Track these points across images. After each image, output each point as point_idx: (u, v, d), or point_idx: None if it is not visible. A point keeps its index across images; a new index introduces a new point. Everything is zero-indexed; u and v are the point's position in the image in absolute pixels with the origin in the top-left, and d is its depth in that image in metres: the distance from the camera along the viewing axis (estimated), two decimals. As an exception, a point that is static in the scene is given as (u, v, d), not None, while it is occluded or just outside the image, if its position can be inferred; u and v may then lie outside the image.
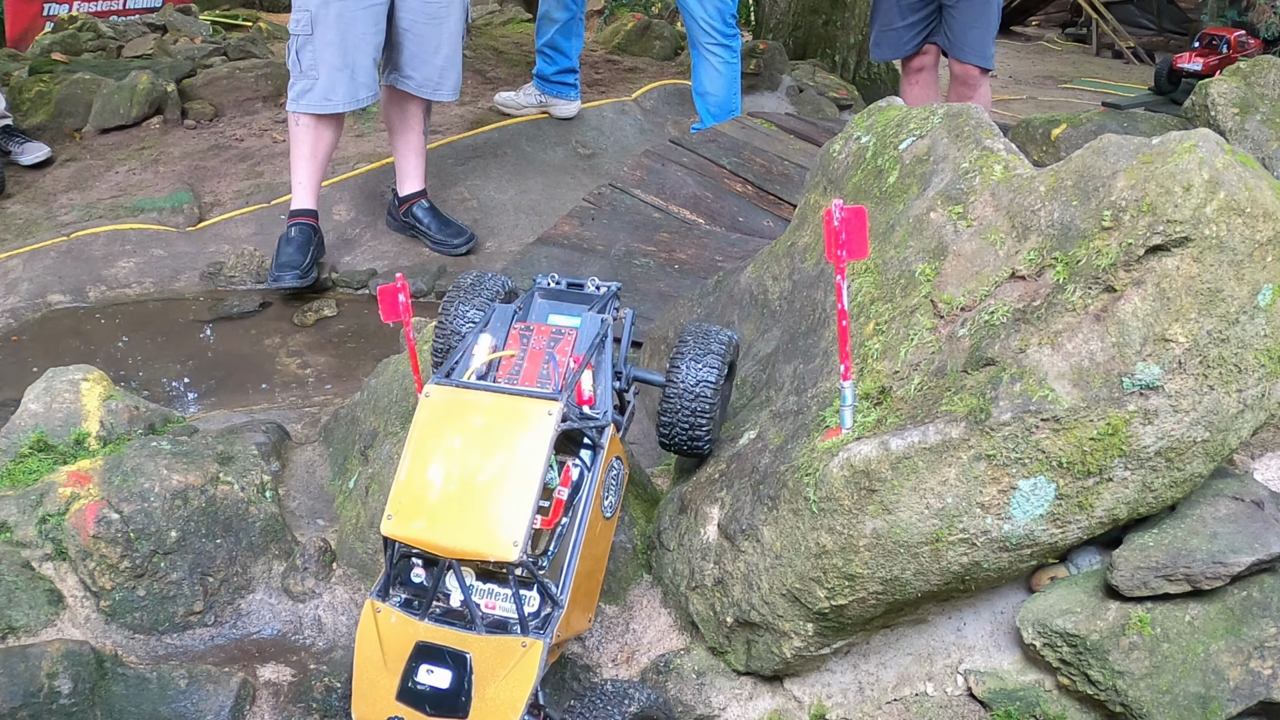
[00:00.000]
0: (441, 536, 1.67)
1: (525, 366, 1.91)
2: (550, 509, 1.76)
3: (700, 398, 2.02)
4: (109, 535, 2.16)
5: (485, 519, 1.66)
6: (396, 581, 1.78)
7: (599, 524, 1.85)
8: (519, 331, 1.96)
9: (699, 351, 2.04)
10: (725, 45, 4.63)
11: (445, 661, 1.68)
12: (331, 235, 4.04)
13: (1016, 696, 1.93)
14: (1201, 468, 1.78)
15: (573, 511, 1.80)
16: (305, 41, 3.64)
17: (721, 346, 2.06)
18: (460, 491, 1.69)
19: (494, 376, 1.90)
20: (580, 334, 1.94)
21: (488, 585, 1.74)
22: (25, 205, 4.33)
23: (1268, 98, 3.14)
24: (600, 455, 1.83)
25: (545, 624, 1.71)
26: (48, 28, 6.89)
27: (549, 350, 1.92)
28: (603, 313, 1.99)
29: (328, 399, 3.13)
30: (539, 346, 1.93)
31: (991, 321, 1.82)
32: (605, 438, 1.84)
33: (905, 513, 1.77)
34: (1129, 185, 1.72)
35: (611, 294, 2.07)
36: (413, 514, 1.69)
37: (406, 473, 1.72)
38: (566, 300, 2.06)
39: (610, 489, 1.88)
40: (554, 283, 2.08)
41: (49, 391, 2.44)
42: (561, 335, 1.94)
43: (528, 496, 1.66)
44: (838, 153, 2.36)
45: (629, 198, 3.87)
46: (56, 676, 1.98)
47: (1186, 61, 7.70)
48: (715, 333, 2.08)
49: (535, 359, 1.91)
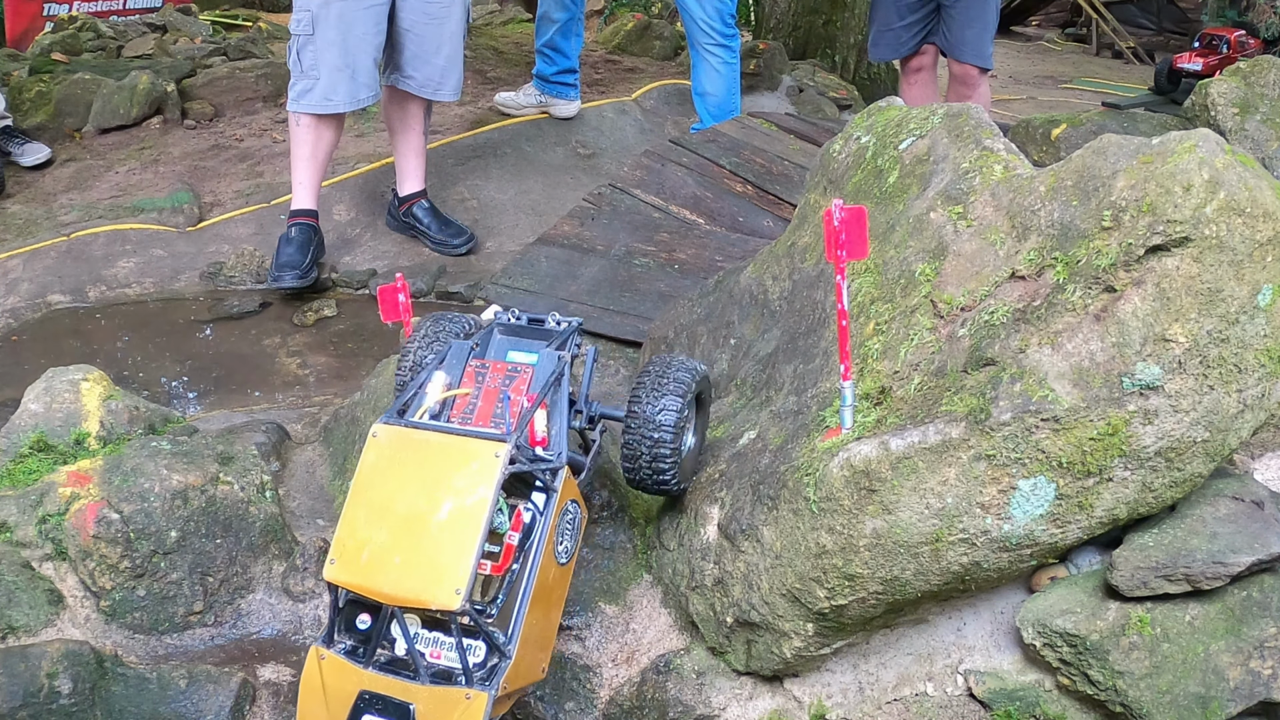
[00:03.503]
0: (384, 583, 1.62)
1: (479, 405, 1.85)
2: (500, 555, 1.70)
3: (661, 429, 1.93)
4: (109, 535, 2.16)
5: (428, 565, 1.61)
6: (341, 628, 1.72)
7: (552, 570, 1.78)
8: (474, 369, 1.90)
9: (660, 383, 1.96)
10: (725, 45, 4.63)
11: (388, 712, 1.63)
12: (331, 235, 4.03)
13: (1016, 696, 1.93)
14: (1201, 468, 1.78)
15: (523, 557, 1.73)
16: (306, 41, 3.64)
17: (686, 377, 1.97)
18: (404, 536, 1.64)
19: (447, 416, 1.84)
20: (536, 371, 1.88)
21: (433, 633, 1.69)
22: (25, 205, 4.33)
23: (1268, 98, 3.14)
24: (553, 499, 1.76)
25: (491, 675, 1.65)
26: (48, 28, 6.88)
27: (504, 389, 1.86)
28: (562, 349, 1.93)
29: (328, 399, 3.13)
30: (494, 385, 1.87)
31: (991, 321, 1.82)
32: (558, 480, 1.77)
33: (905, 513, 1.77)
34: (1129, 185, 1.72)
35: (572, 330, 2.00)
36: (356, 559, 1.64)
37: (351, 516, 1.68)
38: (526, 336, 2.00)
39: (565, 534, 1.81)
40: (514, 318, 2.02)
41: (49, 391, 2.44)
42: (517, 373, 1.89)
43: (472, 542, 1.61)
44: (838, 153, 2.36)
45: (629, 198, 3.87)
46: (56, 676, 1.98)
47: (1186, 61, 7.70)
48: (680, 363, 2.00)
49: (490, 398, 1.86)
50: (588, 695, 2.07)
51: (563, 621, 2.16)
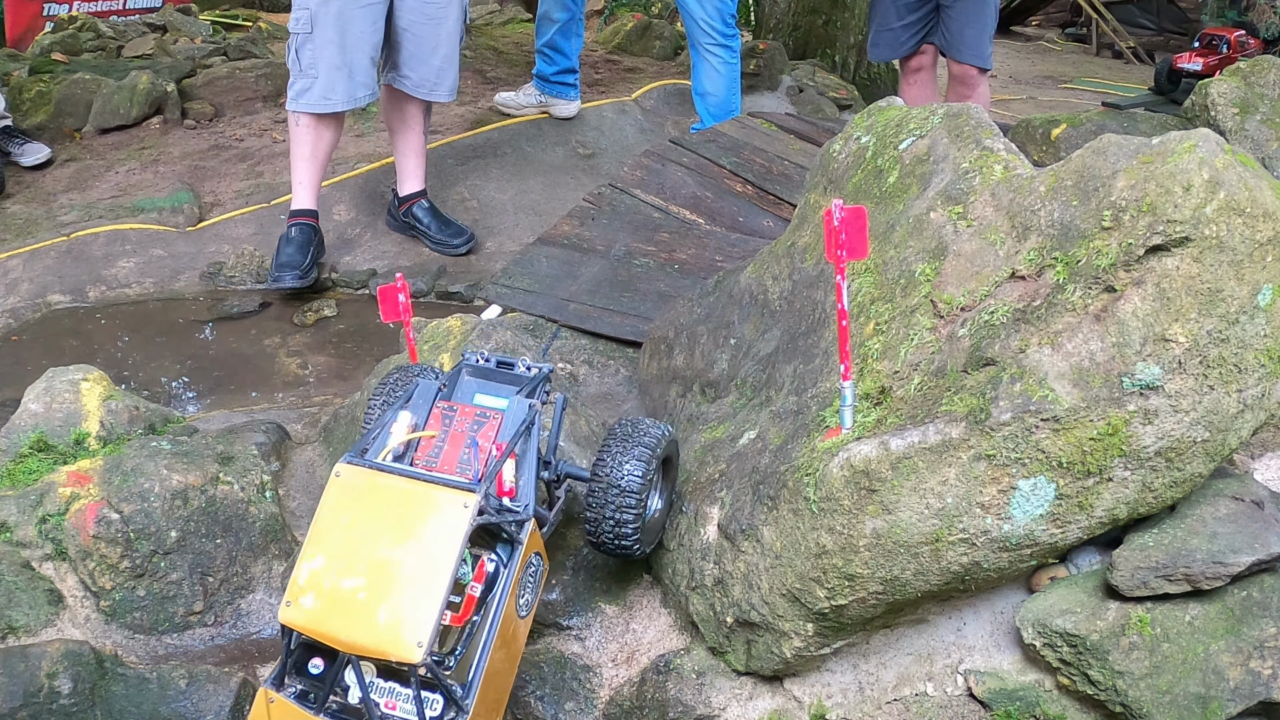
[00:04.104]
0: (342, 630, 1.58)
1: (445, 449, 1.82)
2: (461, 605, 1.67)
3: (626, 494, 1.91)
4: (109, 535, 2.16)
5: (389, 615, 1.57)
6: (293, 670, 1.67)
7: (513, 623, 1.75)
8: (442, 411, 1.86)
9: (626, 445, 1.94)
10: (725, 45, 4.63)
11: None
12: (331, 235, 4.03)
13: (1016, 696, 1.93)
14: (1201, 468, 1.78)
15: (485, 609, 1.69)
16: (305, 40, 3.64)
17: (652, 440, 1.95)
18: (365, 583, 1.60)
19: (412, 458, 1.80)
20: (506, 418, 1.84)
21: (389, 683, 1.64)
22: (25, 205, 4.33)
23: (1268, 98, 3.14)
24: (518, 551, 1.73)
25: None
26: (48, 28, 6.88)
27: (472, 434, 1.83)
28: (532, 396, 1.90)
29: (328, 399, 3.13)
30: (461, 429, 1.83)
31: (991, 321, 1.82)
32: (525, 533, 1.75)
33: (905, 513, 1.77)
34: (1129, 185, 1.72)
35: (543, 376, 1.97)
36: (313, 602, 1.60)
37: (310, 557, 1.64)
38: (495, 380, 1.96)
39: (527, 587, 1.78)
40: (483, 360, 1.99)
41: (49, 391, 2.44)
42: (486, 419, 1.85)
43: (437, 594, 1.57)
44: (838, 153, 2.36)
45: (629, 198, 3.87)
46: (56, 676, 1.98)
47: (1186, 61, 7.69)
48: (647, 426, 1.98)
49: (457, 442, 1.82)
50: (588, 695, 2.07)
51: (563, 621, 2.16)
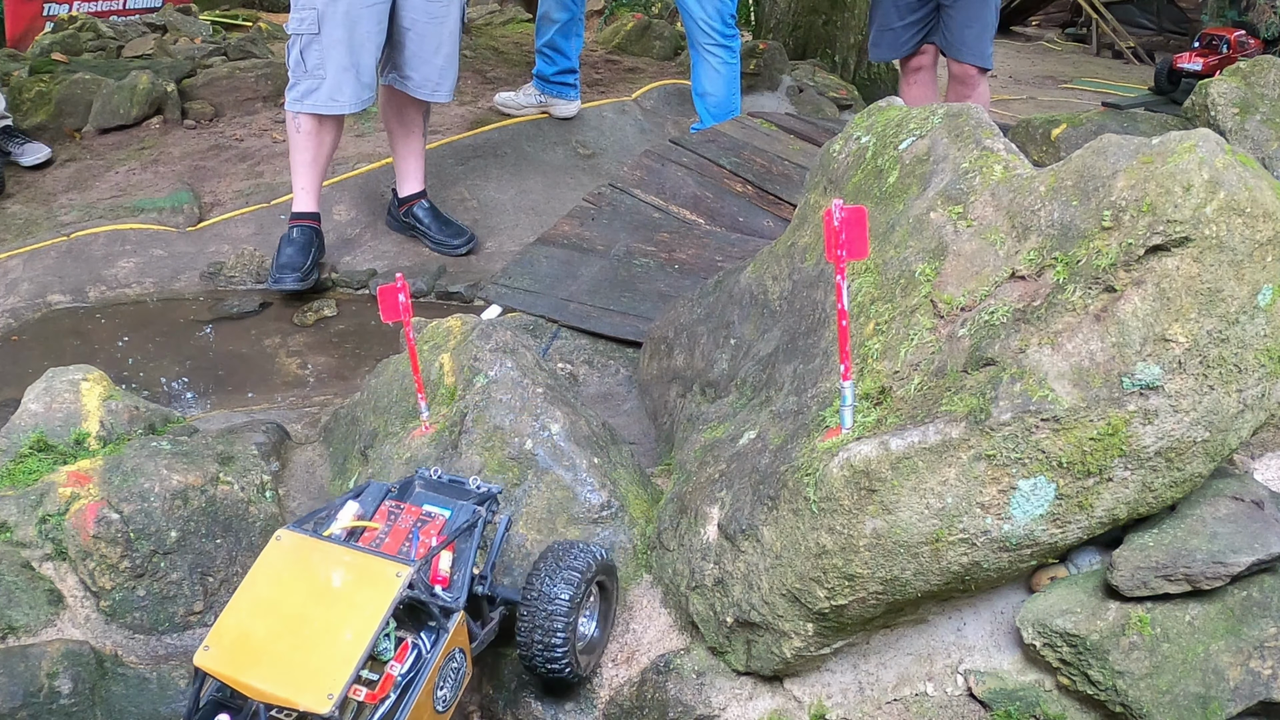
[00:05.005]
0: (255, 677, 1.58)
1: (386, 542, 1.84)
2: (378, 684, 1.66)
3: (553, 616, 1.91)
4: (109, 535, 2.16)
5: (305, 665, 1.57)
6: None
7: (427, 713, 1.72)
8: (389, 508, 1.91)
9: (555, 568, 1.94)
10: (724, 45, 4.63)
11: None
12: (331, 235, 4.04)
13: (1016, 696, 1.93)
14: (1201, 468, 1.78)
15: (400, 692, 1.68)
16: (311, 40, 3.60)
17: (582, 564, 1.95)
18: (286, 635, 1.61)
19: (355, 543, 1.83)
20: (450, 520, 1.88)
21: None
22: (25, 205, 4.33)
23: (1268, 98, 3.14)
24: (443, 639, 1.73)
25: None
26: (48, 28, 6.89)
27: (414, 529, 1.86)
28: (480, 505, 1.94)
29: (328, 399, 3.13)
30: (405, 526, 1.87)
31: (991, 321, 1.82)
32: (452, 622, 1.76)
33: (905, 513, 1.77)
34: (1129, 185, 1.72)
35: (491, 496, 1.98)
36: (232, 649, 1.61)
37: (236, 607, 1.65)
38: (445, 493, 1.99)
39: (447, 681, 1.77)
40: (436, 475, 2.02)
41: (49, 391, 2.44)
42: (430, 519, 1.89)
43: (355, 651, 1.58)
44: (838, 153, 2.36)
45: (629, 198, 3.87)
46: (56, 676, 1.98)
47: (1186, 61, 7.70)
48: (580, 550, 1.98)
49: (398, 536, 1.86)
50: (587, 695, 2.07)
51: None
